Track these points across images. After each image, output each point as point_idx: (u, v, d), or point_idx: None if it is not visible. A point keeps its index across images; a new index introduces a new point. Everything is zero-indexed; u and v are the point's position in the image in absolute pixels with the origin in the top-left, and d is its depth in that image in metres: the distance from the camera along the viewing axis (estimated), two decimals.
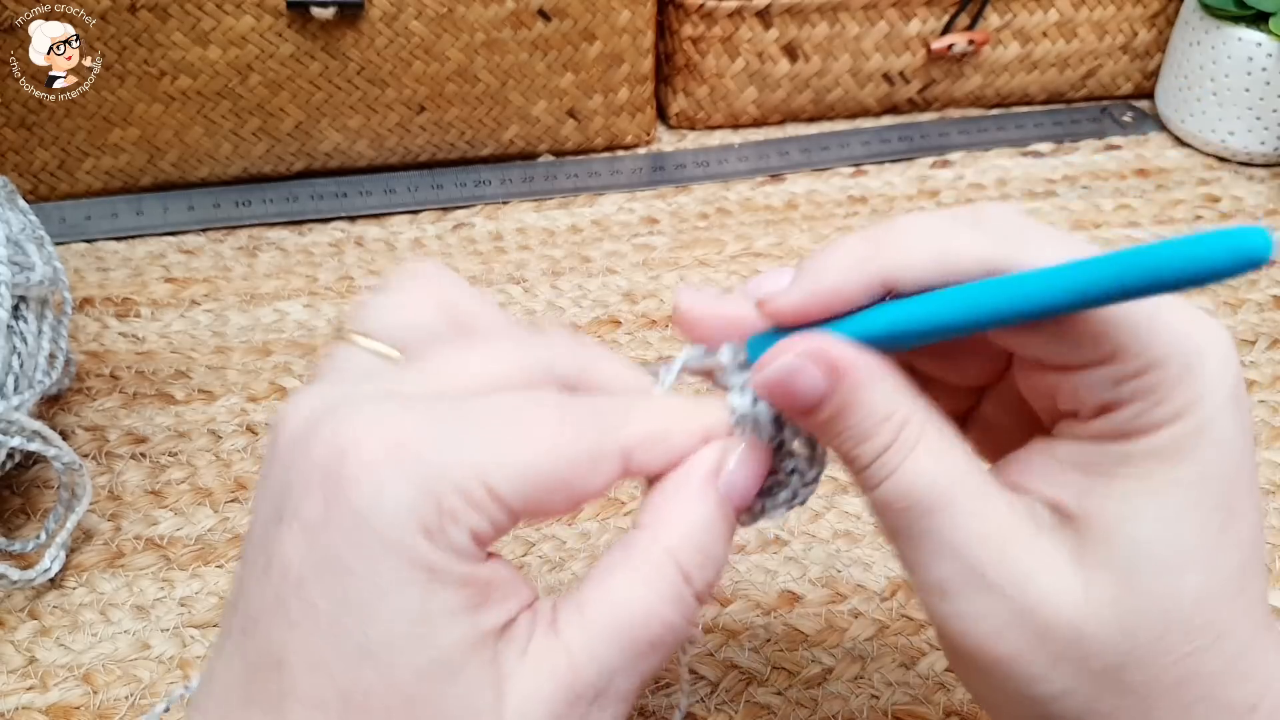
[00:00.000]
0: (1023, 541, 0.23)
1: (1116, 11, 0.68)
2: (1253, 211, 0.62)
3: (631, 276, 0.56)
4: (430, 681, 0.22)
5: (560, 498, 0.23)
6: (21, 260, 0.41)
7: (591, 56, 0.62)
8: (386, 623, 0.21)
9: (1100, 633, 0.23)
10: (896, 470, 0.24)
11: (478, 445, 0.22)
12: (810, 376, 0.24)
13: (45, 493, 0.45)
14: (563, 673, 0.23)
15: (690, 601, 0.24)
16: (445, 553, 0.21)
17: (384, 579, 0.21)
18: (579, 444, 0.23)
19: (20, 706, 0.37)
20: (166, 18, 0.55)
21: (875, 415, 0.24)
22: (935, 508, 0.23)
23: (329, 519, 0.21)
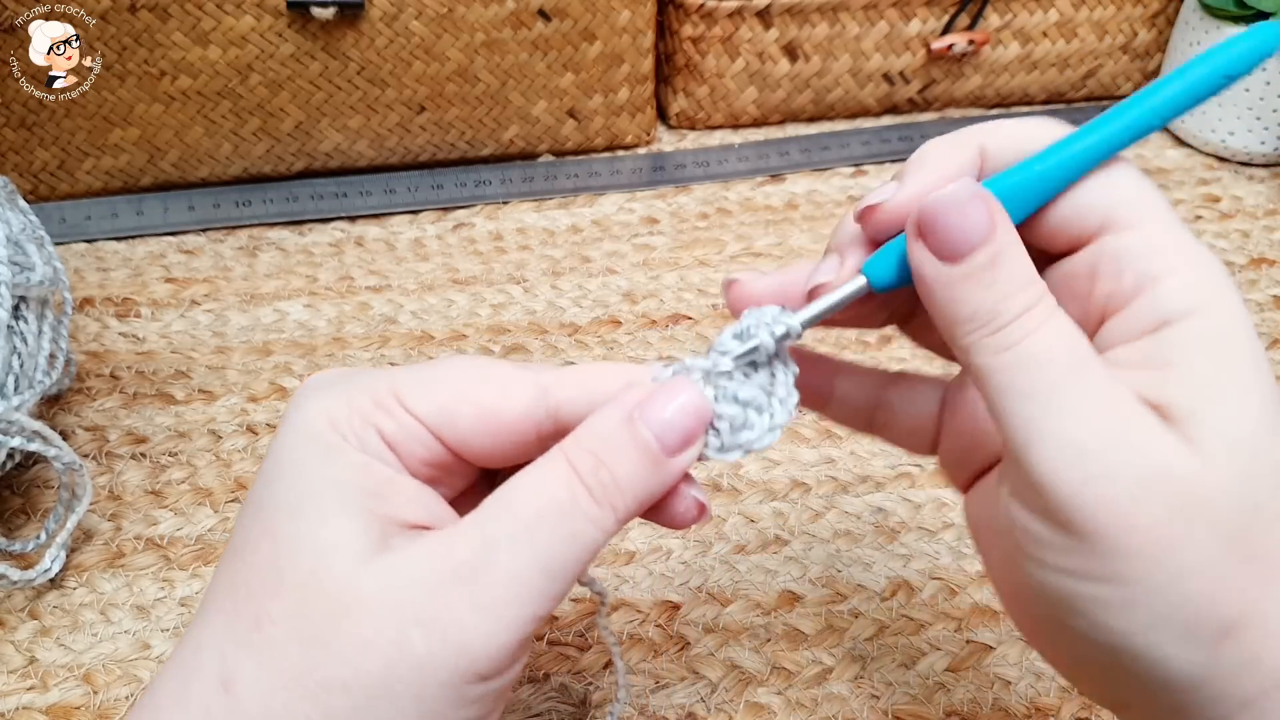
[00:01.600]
0: (1144, 415, 0.23)
1: (1116, 11, 0.68)
2: (1252, 211, 0.62)
3: (631, 276, 0.56)
4: (296, 520, 0.23)
5: (470, 409, 0.25)
6: (21, 260, 0.41)
7: (591, 56, 0.62)
8: (279, 479, 0.24)
9: (1225, 496, 0.22)
10: (1043, 326, 0.23)
11: (399, 371, 0.26)
12: (977, 214, 0.24)
13: (45, 493, 0.45)
14: (443, 539, 0.24)
15: (579, 490, 0.24)
16: (344, 439, 0.24)
17: (286, 452, 0.24)
18: (490, 367, 0.26)
19: (20, 706, 0.37)
20: (166, 18, 0.55)
21: (1024, 273, 0.24)
22: (1077, 366, 0.23)
23: (275, 433, 0.25)
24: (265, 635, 0.23)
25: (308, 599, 0.23)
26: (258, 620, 0.23)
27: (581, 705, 0.37)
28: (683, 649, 0.39)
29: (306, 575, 0.23)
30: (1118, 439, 0.23)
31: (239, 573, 0.24)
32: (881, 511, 0.44)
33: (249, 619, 0.23)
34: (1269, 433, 0.23)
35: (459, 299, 0.55)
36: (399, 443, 0.25)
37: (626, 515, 0.25)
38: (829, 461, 0.46)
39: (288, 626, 0.22)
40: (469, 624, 0.23)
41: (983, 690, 0.37)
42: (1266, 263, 0.58)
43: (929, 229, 0.24)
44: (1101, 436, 0.23)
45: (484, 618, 0.23)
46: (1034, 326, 0.23)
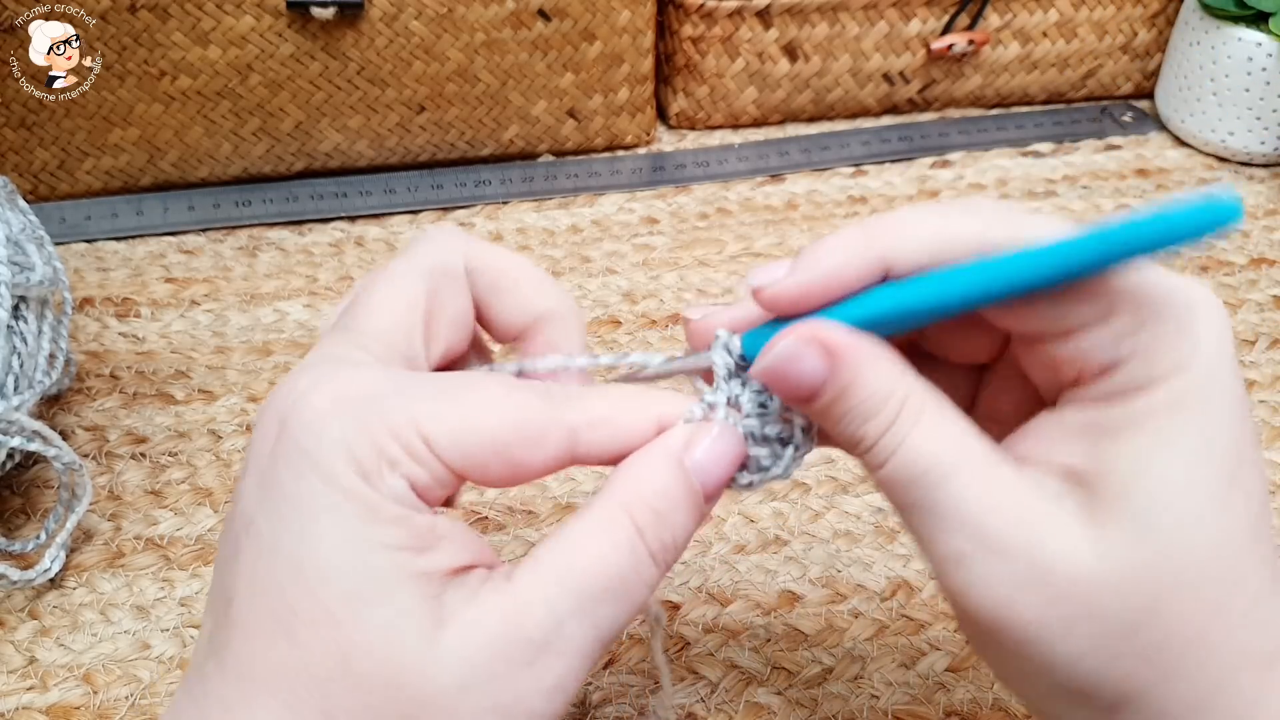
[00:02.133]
0: (1032, 507, 0.23)
1: (1116, 11, 0.68)
2: (1253, 211, 0.62)
3: (631, 276, 0.56)
4: (357, 603, 0.22)
5: (499, 462, 0.24)
6: (21, 260, 0.41)
7: (591, 56, 0.62)
8: (318, 543, 0.22)
9: (1115, 590, 0.23)
10: (901, 445, 0.24)
11: (421, 397, 0.23)
12: (809, 362, 0.24)
13: (45, 493, 0.45)
14: (510, 613, 0.23)
15: (644, 557, 0.24)
16: (379, 493, 0.22)
17: (320, 504, 0.22)
18: (521, 412, 0.24)
19: (20, 707, 0.37)
20: (166, 18, 0.55)
21: (876, 395, 0.24)
22: (942, 480, 0.23)
23: (276, 456, 0.23)
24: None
25: (379, 689, 0.22)
26: (325, 711, 0.22)
27: (581, 705, 0.37)
28: (682, 649, 0.39)
29: (377, 665, 0.22)
30: (989, 543, 0.23)
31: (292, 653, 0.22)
32: (881, 511, 0.44)
33: (314, 709, 0.22)
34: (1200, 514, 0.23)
35: None
36: (427, 489, 0.23)
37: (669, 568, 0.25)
38: (829, 461, 0.46)
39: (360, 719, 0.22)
40: (537, 709, 0.23)
41: (983, 690, 0.37)
42: (1266, 263, 0.58)
43: (776, 384, 0.25)
44: (971, 543, 0.23)
45: (550, 700, 0.23)
46: (895, 445, 0.24)
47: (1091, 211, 0.61)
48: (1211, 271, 0.57)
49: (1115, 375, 0.23)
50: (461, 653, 0.22)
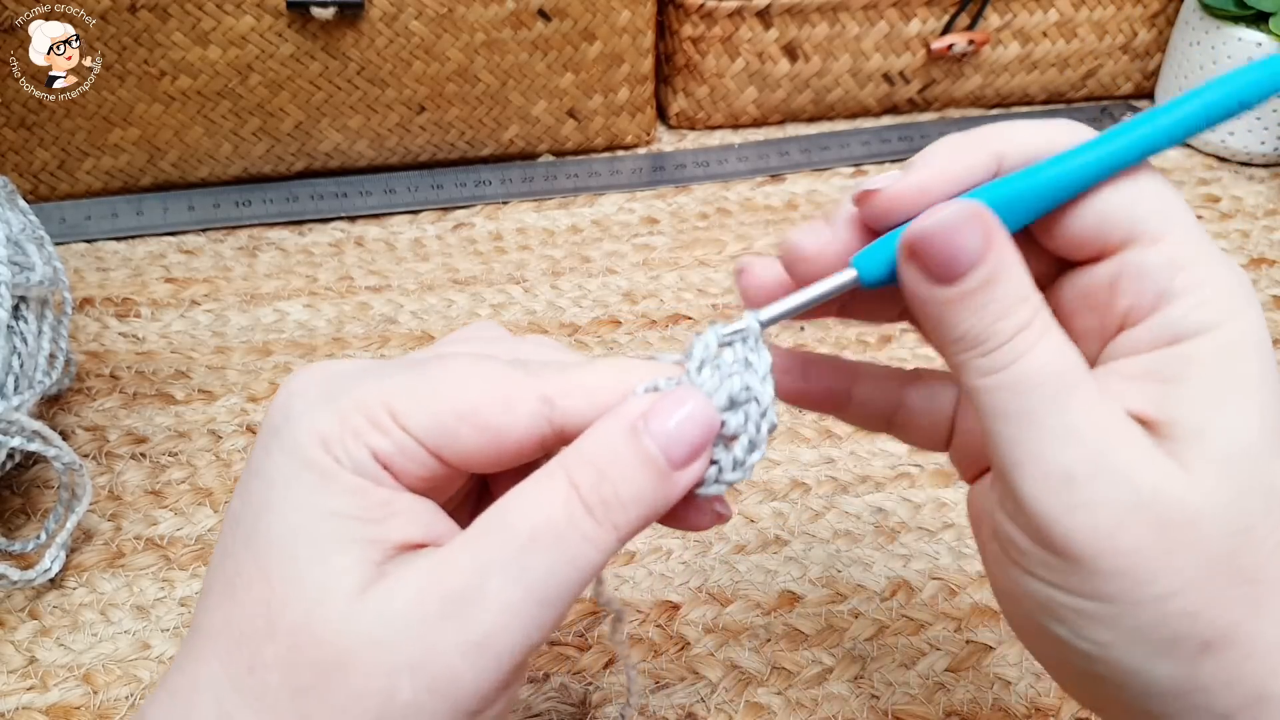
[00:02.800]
0: (1136, 436, 0.23)
1: (1116, 11, 0.68)
2: (1252, 211, 0.62)
3: (631, 276, 0.56)
4: (292, 563, 0.22)
5: (469, 430, 0.23)
6: (21, 260, 0.41)
7: (591, 56, 0.62)
8: (272, 510, 0.23)
9: (1213, 519, 0.22)
10: (1030, 351, 0.23)
11: (392, 378, 0.24)
12: (971, 237, 0.23)
13: (45, 493, 0.45)
14: (433, 567, 0.22)
15: (577, 508, 0.23)
16: (338, 463, 0.23)
17: (280, 475, 0.23)
18: (492, 379, 0.24)
19: (20, 706, 0.37)
20: (166, 18, 0.55)
21: (1019, 293, 0.23)
22: (1065, 392, 0.23)
23: (260, 438, 0.24)
24: (259, 681, 0.22)
25: (300, 646, 0.22)
26: (251, 666, 0.22)
27: (581, 705, 0.37)
28: (682, 649, 0.39)
29: (299, 621, 0.22)
30: (1103, 464, 0.23)
31: (231, 611, 0.23)
32: (881, 511, 0.44)
33: (243, 663, 0.22)
34: (1267, 453, 0.23)
35: (459, 299, 0.55)
36: (394, 461, 0.23)
37: (629, 533, 0.24)
38: (829, 461, 0.46)
39: (280, 675, 0.22)
40: (457, 666, 0.22)
41: (983, 690, 0.37)
42: (1266, 263, 0.58)
43: (921, 251, 0.24)
44: (1087, 462, 0.23)
45: (472, 657, 0.22)
46: (1025, 349, 0.23)
47: None
48: None
49: (1168, 312, 0.24)
50: (381, 608, 0.22)
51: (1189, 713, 0.23)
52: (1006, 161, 0.25)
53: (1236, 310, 0.24)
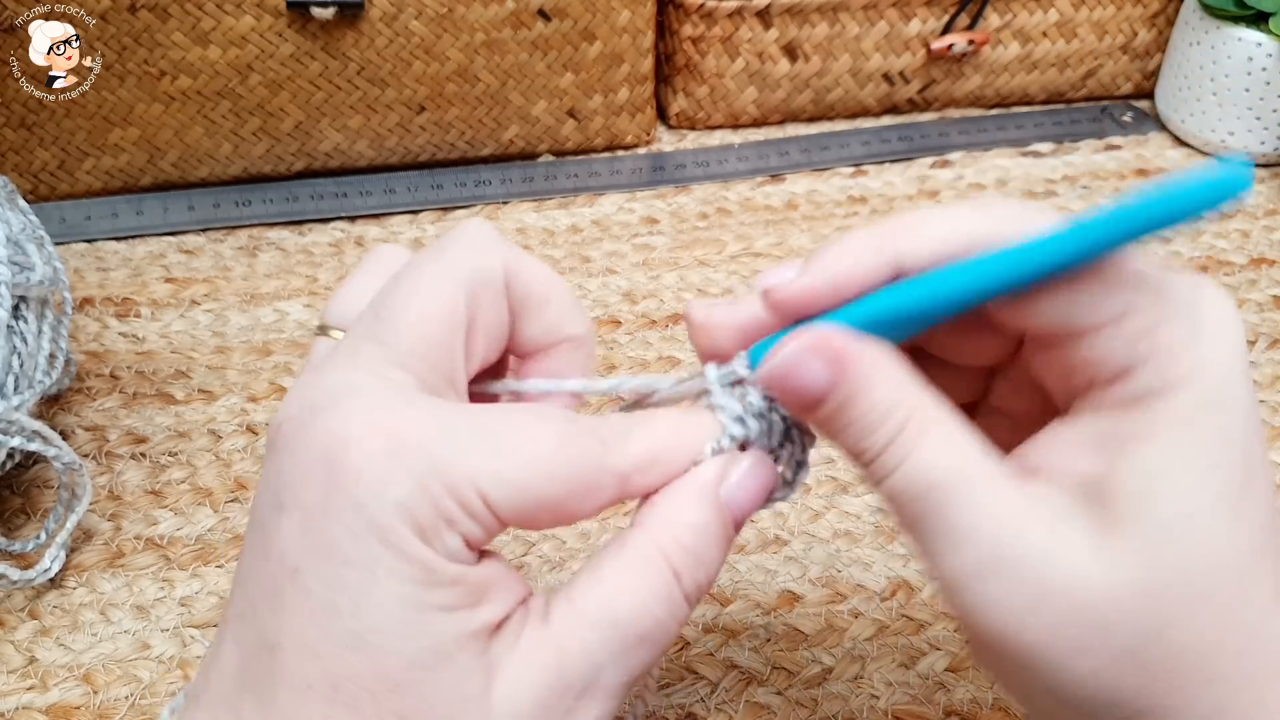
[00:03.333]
0: (1041, 524, 0.23)
1: (1116, 11, 0.68)
2: (1252, 212, 0.62)
3: (631, 276, 0.56)
4: (419, 670, 0.22)
5: (552, 516, 0.24)
6: (21, 260, 0.41)
7: (591, 56, 0.62)
8: (379, 610, 0.22)
9: (1127, 608, 0.22)
10: (906, 460, 0.23)
11: (478, 451, 0.23)
12: (813, 370, 0.24)
13: (45, 493, 0.45)
14: (551, 663, 0.23)
15: (679, 601, 0.24)
16: (439, 555, 0.22)
17: (379, 568, 0.22)
18: (577, 465, 0.24)
19: (20, 706, 0.37)
20: (166, 18, 0.55)
21: (880, 407, 0.24)
22: (948, 495, 0.23)
23: (328, 507, 0.22)
24: None
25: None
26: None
27: None
28: (682, 649, 0.39)
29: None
30: (1006, 558, 0.23)
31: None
32: (881, 511, 0.44)
33: None
34: (1223, 510, 0.22)
35: None
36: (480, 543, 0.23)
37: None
38: (829, 461, 0.46)
39: None
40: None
41: (983, 690, 0.37)
42: (1266, 263, 0.58)
43: (777, 387, 0.25)
44: (989, 559, 0.23)
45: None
46: (903, 455, 0.23)
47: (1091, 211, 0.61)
48: (1211, 271, 0.57)
49: (1130, 380, 0.23)
50: (511, 706, 0.22)
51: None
52: (908, 263, 0.24)
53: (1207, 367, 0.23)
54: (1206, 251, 0.59)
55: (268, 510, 0.23)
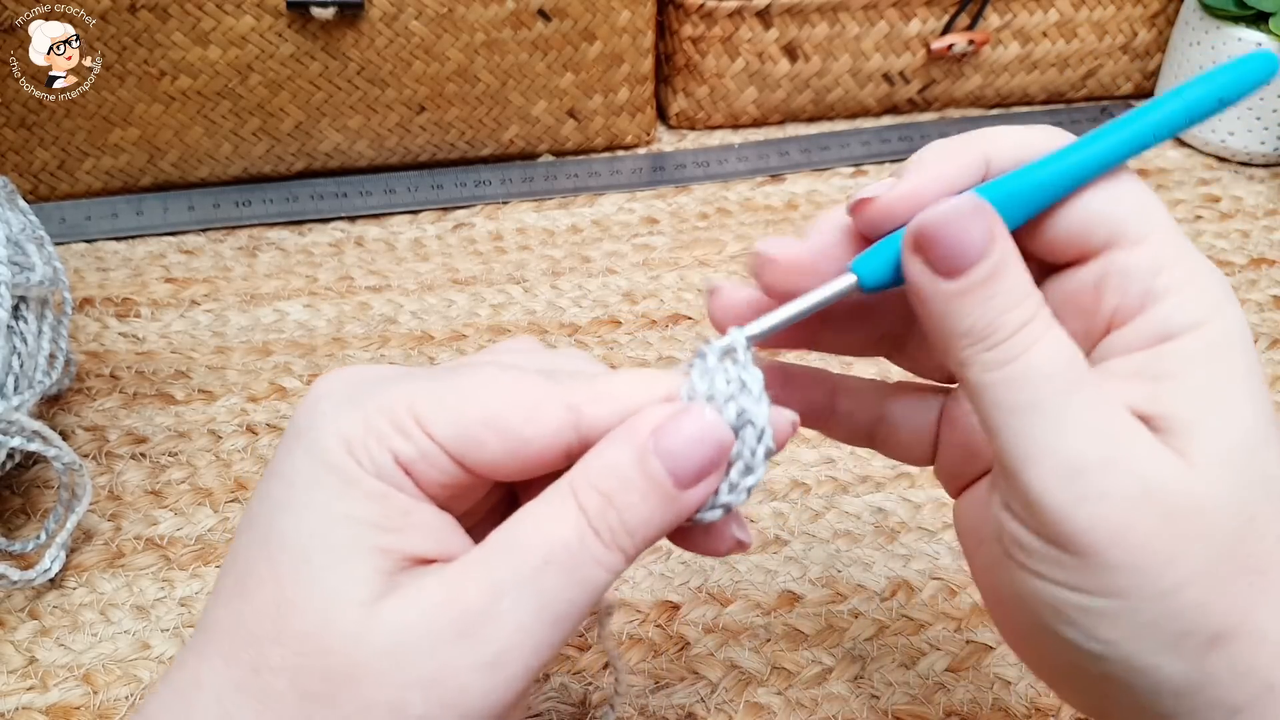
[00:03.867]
0: (1139, 428, 0.23)
1: (1116, 11, 0.68)
2: (1252, 211, 0.62)
3: (631, 276, 0.56)
4: (306, 566, 0.22)
5: (494, 436, 0.23)
6: (21, 260, 0.41)
7: (591, 56, 0.62)
8: (289, 512, 0.23)
9: (1218, 509, 0.23)
10: (1040, 341, 0.23)
11: (418, 383, 0.24)
12: (978, 228, 0.23)
13: (45, 493, 0.45)
14: (447, 584, 0.22)
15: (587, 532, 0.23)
16: (360, 466, 0.23)
17: (302, 477, 0.23)
18: (519, 386, 0.24)
19: (20, 707, 0.37)
20: (166, 18, 0.55)
21: (1022, 287, 0.23)
22: (1073, 383, 0.23)
23: (282, 443, 0.24)
24: (264, 684, 0.22)
25: (309, 652, 0.22)
26: (256, 667, 0.22)
27: (581, 705, 0.37)
28: (682, 649, 0.39)
29: (310, 626, 0.22)
30: (1111, 456, 0.23)
31: (240, 610, 0.23)
32: (881, 511, 0.44)
33: (248, 664, 0.22)
34: (1262, 443, 0.23)
35: (459, 299, 0.55)
36: (416, 466, 0.23)
37: (635, 554, 0.24)
38: (829, 461, 0.46)
39: (288, 679, 0.22)
40: (469, 684, 0.22)
41: (983, 690, 0.37)
42: (1266, 263, 0.58)
43: (927, 243, 0.23)
44: (1095, 453, 0.22)
45: (485, 676, 0.22)
46: (1031, 341, 0.23)
47: None
48: None
49: (1155, 311, 0.24)
50: (394, 621, 0.22)
51: (1199, 710, 0.23)
52: (994, 164, 0.25)
53: (1220, 306, 0.24)
54: (1206, 251, 0.59)
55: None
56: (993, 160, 0.25)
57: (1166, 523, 0.22)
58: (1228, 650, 0.23)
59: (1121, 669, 0.23)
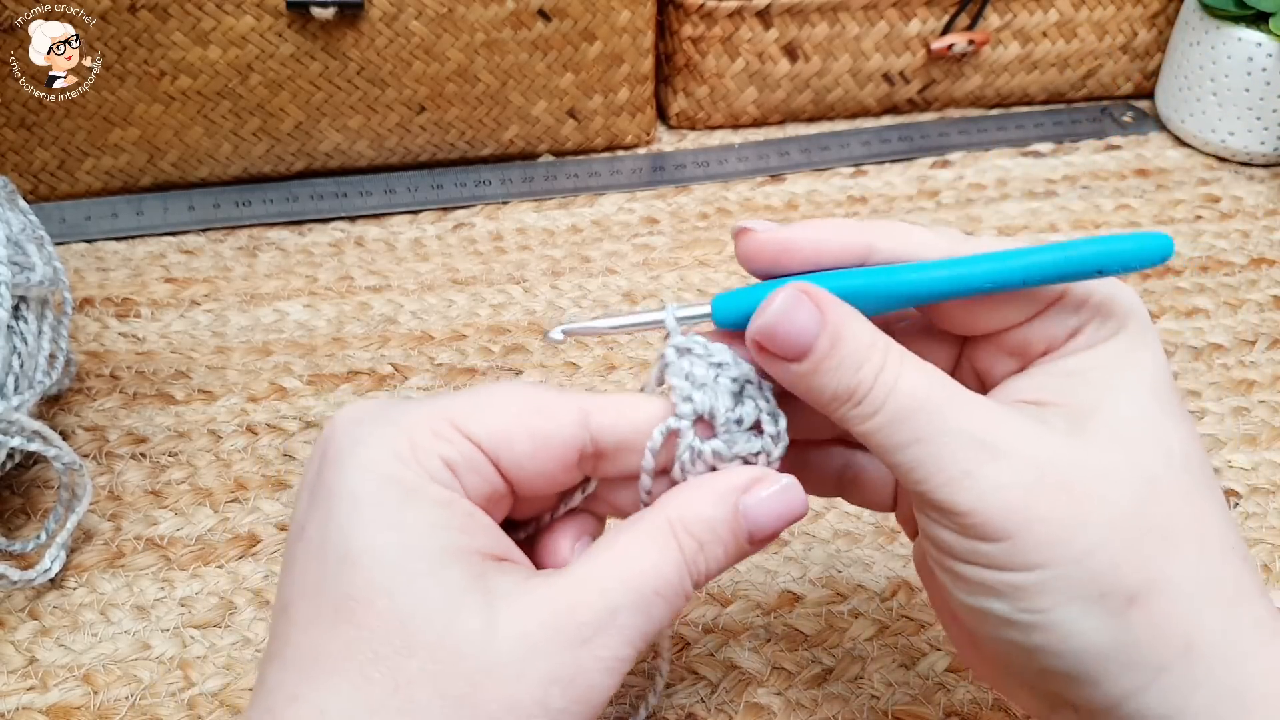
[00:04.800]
0: (1027, 418, 0.26)
1: (1116, 11, 0.68)
2: (1253, 211, 0.62)
3: (631, 276, 0.56)
4: (410, 578, 0.23)
5: (523, 433, 0.26)
6: (22, 260, 0.41)
7: (591, 56, 0.62)
8: (366, 528, 0.24)
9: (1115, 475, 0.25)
10: (897, 382, 0.25)
11: (441, 399, 0.26)
12: (803, 313, 0.26)
13: (45, 493, 0.45)
14: (563, 597, 0.24)
15: (685, 577, 0.26)
16: (418, 474, 0.24)
17: (362, 493, 0.24)
18: (535, 392, 0.27)
19: (20, 707, 0.37)
20: (166, 18, 0.55)
21: (865, 341, 0.26)
22: (942, 406, 0.25)
23: (321, 467, 0.25)
24: (405, 698, 0.23)
25: (444, 659, 0.23)
26: (396, 685, 0.23)
27: None
28: (682, 649, 0.39)
29: (436, 635, 0.23)
30: (997, 450, 0.25)
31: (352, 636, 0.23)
32: None
33: (385, 684, 0.23)
34: (1161, 416, 0.26)
35: (459, 299, 0.55)
36: (460, 469, 0.25)
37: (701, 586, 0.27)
38: None
39: (431, 689, 0.23)
40: (598, 683, 0.24)
41: (983, 690, 0.37)
42: (1266, 263, 0.58)
43: (768, 342, 0.26)
44: (982, 453, 0.25)
45: (607, 676, 0.24)
46: (890, 385, 0.25)
47: (1091, 211, 0.61)
48: (1212, 271, 0.57)
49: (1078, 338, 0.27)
50: (520, 627, 0.24)
51: (1128, 671, 0.25)
52: (877, 254, 0.27)
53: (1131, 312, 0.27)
54: (1207, 252, 0.59)
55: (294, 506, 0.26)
56: (876, 248, 0.27)
57: (1065, 495, 0.24)
58: (1146, 608, 0.24)
59: (1055, 638, 0.25)
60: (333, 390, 0.49)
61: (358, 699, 0.23)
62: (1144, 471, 0.25)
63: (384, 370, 0.50)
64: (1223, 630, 0.24)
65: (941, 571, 0.27)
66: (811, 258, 0.27)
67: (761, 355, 0.27)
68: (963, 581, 0.26)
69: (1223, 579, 0.25)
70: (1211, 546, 0.25)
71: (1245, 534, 0.43)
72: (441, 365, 0.50)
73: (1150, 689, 0.24)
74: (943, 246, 0.27)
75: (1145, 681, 0.24)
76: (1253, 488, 0.45)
